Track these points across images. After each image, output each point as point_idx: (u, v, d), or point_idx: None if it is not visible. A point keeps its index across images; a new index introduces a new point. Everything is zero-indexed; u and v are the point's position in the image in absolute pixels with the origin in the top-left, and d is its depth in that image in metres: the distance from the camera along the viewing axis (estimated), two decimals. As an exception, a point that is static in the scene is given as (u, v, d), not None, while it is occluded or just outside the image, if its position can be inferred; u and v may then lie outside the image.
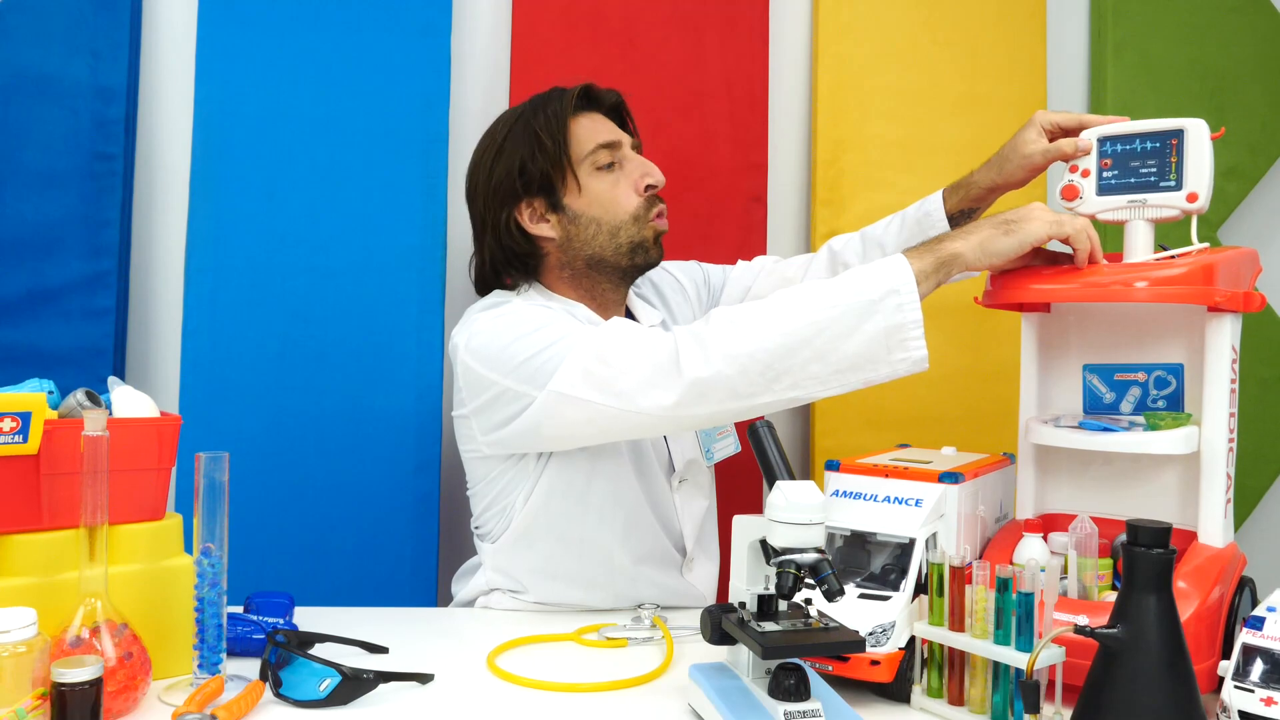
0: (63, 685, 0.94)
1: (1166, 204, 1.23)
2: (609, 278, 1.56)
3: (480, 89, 2.07)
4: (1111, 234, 1.31)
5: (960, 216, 1.55)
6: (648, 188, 1.53)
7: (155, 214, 2.01)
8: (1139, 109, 2.12)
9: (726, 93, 2.08)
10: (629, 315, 1.64)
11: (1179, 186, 1.22)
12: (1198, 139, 1.22)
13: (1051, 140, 1.38)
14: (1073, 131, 1.34)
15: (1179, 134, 1.23)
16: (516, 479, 1.48)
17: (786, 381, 1.23)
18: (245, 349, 1.90)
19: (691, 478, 1.61)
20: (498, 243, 1.55)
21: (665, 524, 1.57)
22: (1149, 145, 1.25)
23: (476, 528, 1.60)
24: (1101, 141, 1.29)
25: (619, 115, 1.62)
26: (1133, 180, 1.25)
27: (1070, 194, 1.29)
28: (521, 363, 1.35)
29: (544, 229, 1.54)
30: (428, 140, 1.97)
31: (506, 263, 1.57)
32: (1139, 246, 1.24)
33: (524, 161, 1.51)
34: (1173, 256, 1.20)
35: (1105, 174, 1.27)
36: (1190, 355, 1.24)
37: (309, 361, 1.91)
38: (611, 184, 1.52)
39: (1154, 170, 1.24)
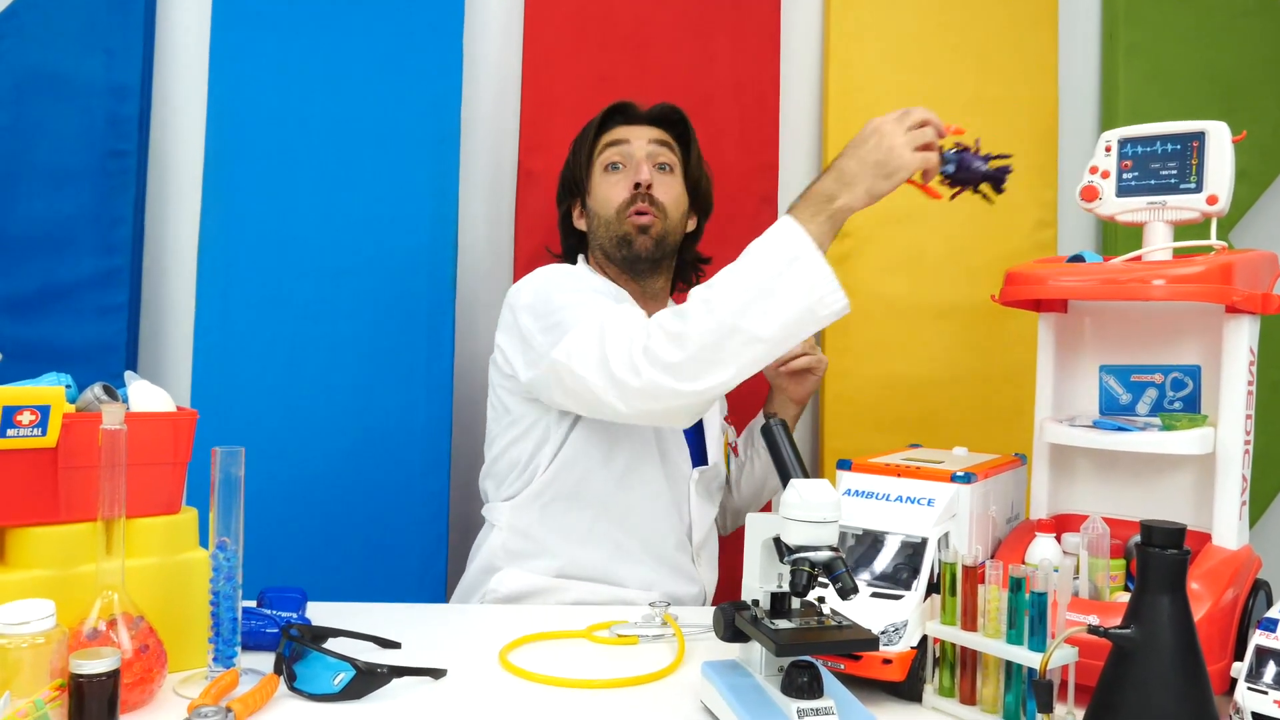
0: (81, 676, 0.95)
1: (1186, 206, 1.23)
2: (620, 269, 1.69)
3: (491, 89, 2.08)
4: (1126, 235, 1.31)
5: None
6: (635, 185, 1.65)
7: (168, 211, 2.02)
8: (1150, 112, 2.11)
9: (736, 94, 2.08)
10: None
11: (1199, 189, 1.23)
12: (1219, 142, 1.22)
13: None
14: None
15: (1200, 136, 1.23)
16: (545, 435, 1.56)
17: (731, 367, 1.31)
18: (257, 346, 1.91)
19: (713, 480, 1.67)
20: (562, 234, 1.82)
21: (678, 513, 1.62)
22: (1170, 147, 1.25)
23: (492, 488, 1.65)
24: (1122, 143, 1.29)
25: (671, 126, 1.73)
26: (1153, 182, 1.26)
27: (1090, 195, 1.29)
28: (549, 311, 1.48)
29: (581, 224, 1.77)
30: (439, 139, 1.98)
31: (568, 251, 1.81)
32: (1158, 253, 1.24)
33: (567, 168, 1.77)
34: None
35: (1125, 175, 1.28)
36: (1207, 357, 1.24)
37: (320, 359, 1.92)
38: (611, 184, 1.68)
39: (1174, 172, 1.24)
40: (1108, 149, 1.31)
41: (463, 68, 1.99)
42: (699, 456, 1.67)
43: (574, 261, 1.76)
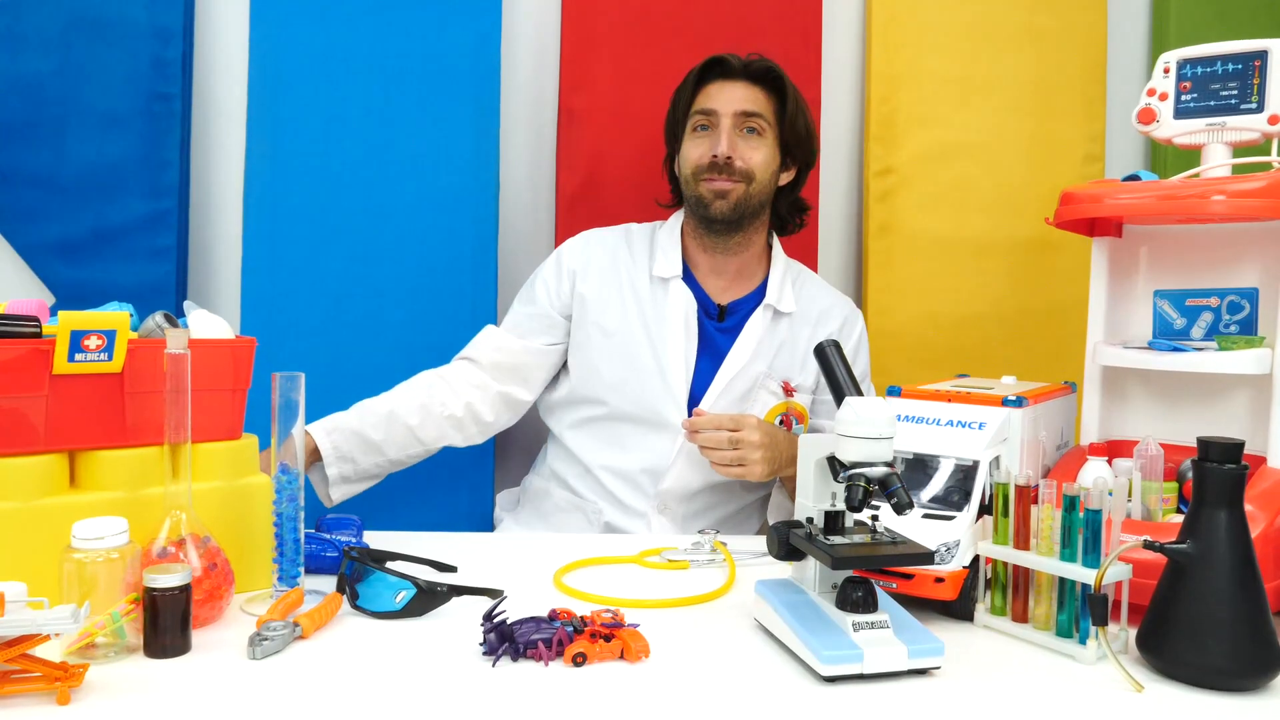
0: (154, 590, 0.98)
1: (1247, 127, 1.21)
2: (698, 226, 1.74)
3: (531, 28, 2.07)
4: (1177, 167, 1.29)
5: None
6: (713, 157, 1.67)
7: (213, 154, 2.04)
8: (1203, 39, 2.07)
9: (780, 28, 2.06)
10: (762, 288, 1.76)
11: (1260, 109, 1.20)
12: None
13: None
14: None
15: (1263, 55, 1.20)
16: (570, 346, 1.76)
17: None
18: (303, 286, 1.93)
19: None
20: (670, 179, 1.85)
21: (653, 468, 1.66)
22: (1230, 67, 1.22)
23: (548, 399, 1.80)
24: (1181, 64, 1.26)
25: (766, 80, 1.71)
26: (1212, 103, 1.23)
27: (1147, 117, 1.27)
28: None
29: (676, 170, 1.81)
30: (480, 79, 1.97)
31: (676, 194, 1.84)
32: (1216, 170, 1.22)
33: (668, 117, 1.80)
34: None
35: (1184, 97, 1.25)
36: (1266, 278, 1.23)
37: (365, 297, 1.94)
38: (695, 143, 1.72)
39: (1235, 93, 1.22)
40: (1166, 70, 1.29)
41: (502, 6, 1.98)
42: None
43: (680, 204, 1.81)
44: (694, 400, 1.67)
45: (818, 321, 1.76)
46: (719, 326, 1.71)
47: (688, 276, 1.73)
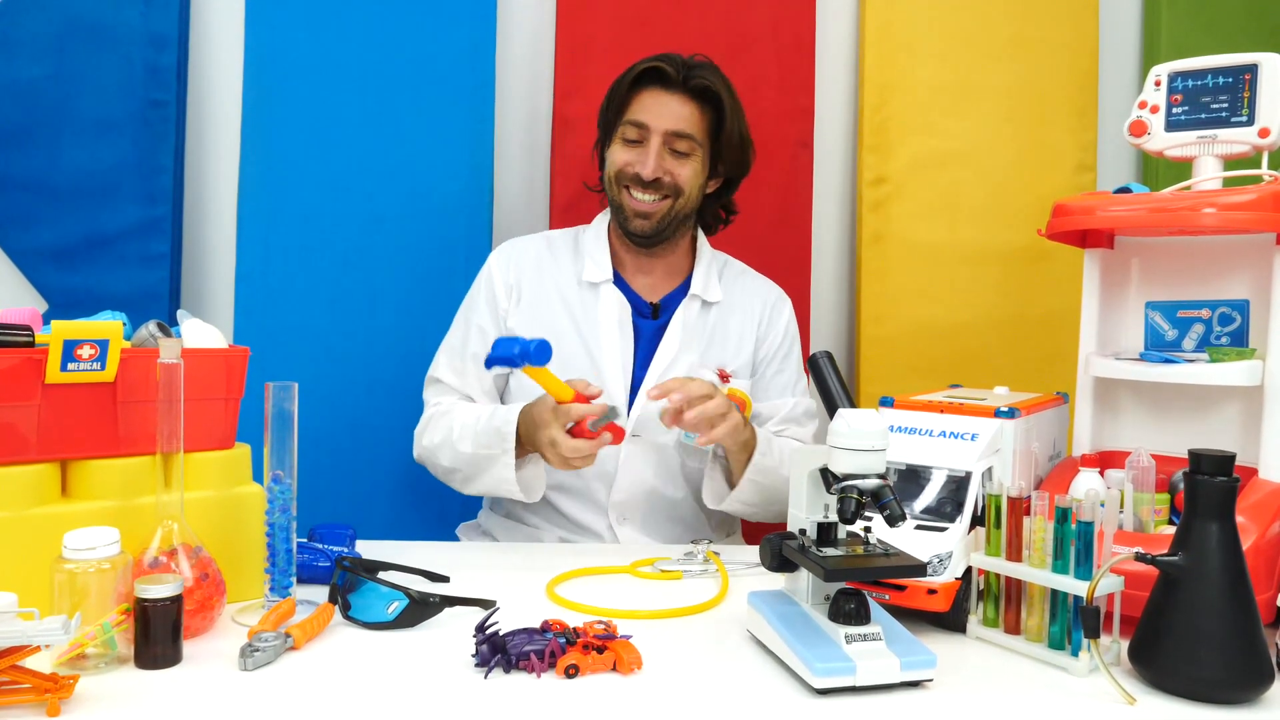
0: (146, 601, 0.98)
1: (1237, 139, 1.22)
2: (624, 234, 1.70)
3: (526, 35, 2.08)
4: (1168, 179, 1.29)
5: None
6: (633, 174, 1.64)
7: (207, 160, 2.04)
8: (1194, 50, 2.08)
9: (774, 37, 2.06)
10: (683, 285, 1.73)
11: (1250, 122, 1.21)
12: (1272, 74, 1.20)
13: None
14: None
15: (1253, 69, 1.21)
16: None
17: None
18: (297, 293, 1.93)
19: (645, 437, 1.64)
20: (599, 168, 1.77)
21: (603, 474, 1.63)
22: (1221, 80, 1.23)
23: None
24: (1172, 77, 1.27)
25: (703, 96, 1.65)
26: (1203, 116, 1.24)
27: (1138, 130, 1.27)
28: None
29: (604, 166, 1.74)
30: (475, 86, 1.98)
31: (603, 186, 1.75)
32: (1207, 183, 1.23)
33: (601, 109, 1.73)
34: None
35: (1175, 110, 1.26)
36: (1257, 290, 1.23)
37: (359, 304, 1.94)
38: (624, 151, 1.67)
39: (1225, 106, 1.22)
40: (1157, 83, 1.29)
41: (497, 14, 1.99)
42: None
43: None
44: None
45: (745, 307, 1.75)
46: (653, 324, 1.70)
47: (617, 279, 1.71)
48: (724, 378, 1.70)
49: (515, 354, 1.28)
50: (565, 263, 1.73)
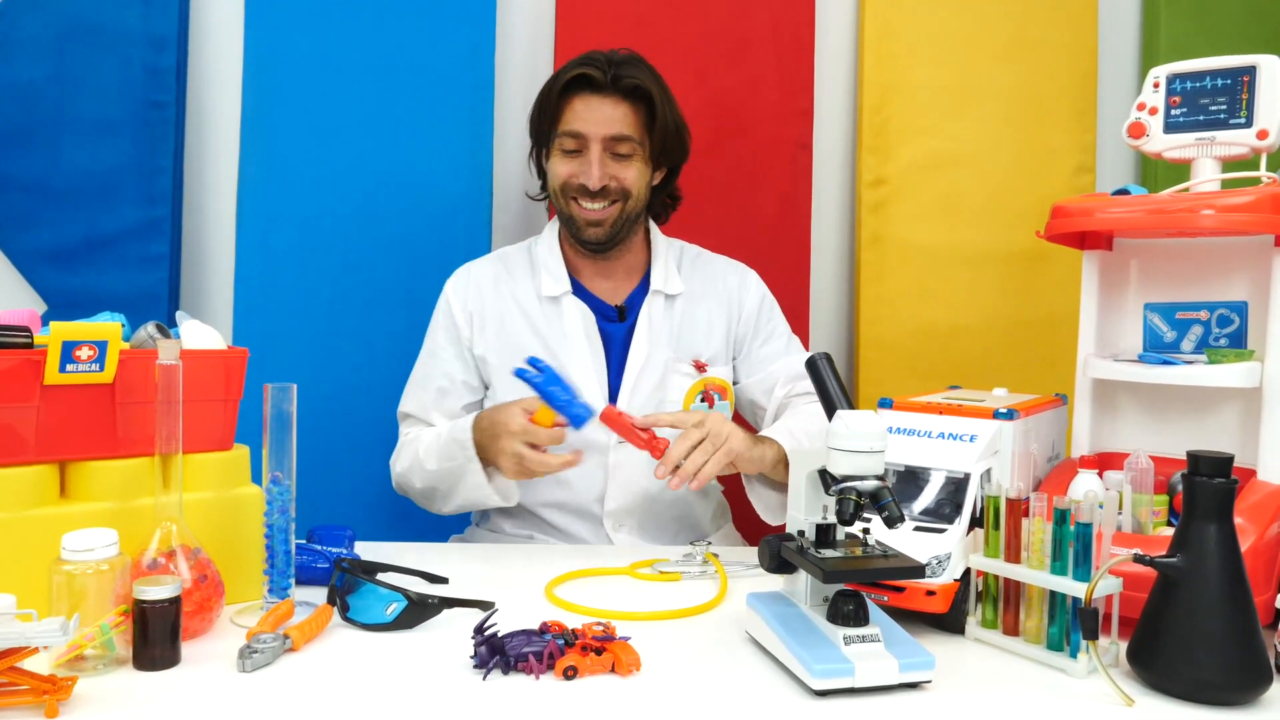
0: (144, 602, 0.98)
1: (1236, 141, 1.22)
2: (576, 243, 1.68)
3: (526, 33, 2.08)
4: (1167, 181, 1.30)
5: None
6: (579, 185, 1.62)
7: (206, 162, 2.04)
8: (1193, 52, 2.08)
9: (773, 38, 2.06)
10: (645, 282, 1.72)
11: (1249, 124, 1.21)
12: (1271, 75, 1.20)
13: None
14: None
15: (1251, 71, 1.21)
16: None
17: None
18: (296, 294, 1.93)
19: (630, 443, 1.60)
20: (539, 175, 1.76)
21: (602, 471, 1.62)
22: (1220, 82, 1.23)
23: None
24: (1171, 79, 1.27)
25: (634, 94, 1.62)
26: (1201, 118, 1.24)
27: (1137, 131, 1.28)
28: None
29: (546, 179, 1.72)
30: (474, 86, 1.98)
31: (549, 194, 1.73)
32: (1206, 185, 1.23)
33: (532, 118, 1.70)
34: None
35: (1173, 112, 1.26)
36: (1255, 292, 1.23)
37: (358, 304, 1.94)
38: (565, 163, 1.64)
39: (1224, 107, 1.23)
40: (1156, 85, 1.29)
41: (497, 14, 1.99)
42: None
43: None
44: None
45: (710, 293, 1.73)
46: (621, 328, 1.68)
47: (577, 288, 1.69)
48: (700, 368, 1.68)
49: (562, 404, 1.37)
50: (523, 280, 1.70)
